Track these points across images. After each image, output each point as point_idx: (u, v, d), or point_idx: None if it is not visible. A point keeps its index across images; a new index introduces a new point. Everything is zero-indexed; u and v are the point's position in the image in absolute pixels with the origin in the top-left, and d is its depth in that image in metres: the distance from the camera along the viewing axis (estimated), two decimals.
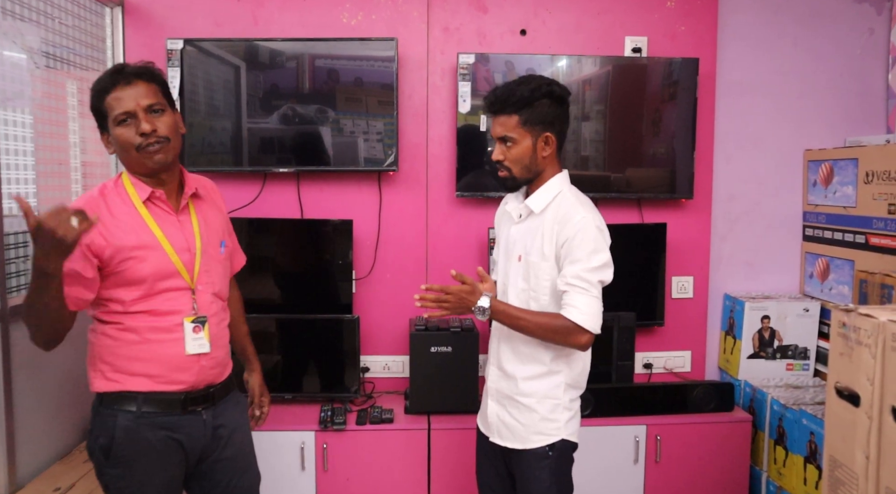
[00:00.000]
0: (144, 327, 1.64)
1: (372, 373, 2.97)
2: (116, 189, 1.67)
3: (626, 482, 2.71)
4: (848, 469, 1.37)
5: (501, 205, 1.99)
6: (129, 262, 1.61)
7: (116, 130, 1.62)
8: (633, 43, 2.95)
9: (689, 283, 3.06)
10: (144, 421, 1.64)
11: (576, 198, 1.80)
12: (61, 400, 2.38)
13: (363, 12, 2.88)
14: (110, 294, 1.64)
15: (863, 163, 2.71)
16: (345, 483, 2.60)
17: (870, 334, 1.30)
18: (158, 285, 1.65)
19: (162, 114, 1.65)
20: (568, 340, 1.72)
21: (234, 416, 1.82)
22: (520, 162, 1.78)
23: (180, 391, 1.68)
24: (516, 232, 1.87)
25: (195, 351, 1.68)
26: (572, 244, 1.71)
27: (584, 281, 1.71)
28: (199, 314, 1.69)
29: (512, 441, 1.85)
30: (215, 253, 1.78)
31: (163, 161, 1.64)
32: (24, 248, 2.30)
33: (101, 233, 1.59)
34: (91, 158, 2.74)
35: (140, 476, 1.66)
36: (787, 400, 2.67)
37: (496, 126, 1.79)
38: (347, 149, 2.82)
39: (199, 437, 1.72)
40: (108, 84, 1.63)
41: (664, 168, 2.94)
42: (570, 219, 1.73)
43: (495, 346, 1.90)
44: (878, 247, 2.62)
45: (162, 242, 1.66)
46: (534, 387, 1.82)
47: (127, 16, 2.82)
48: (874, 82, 3.07)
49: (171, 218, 1.70)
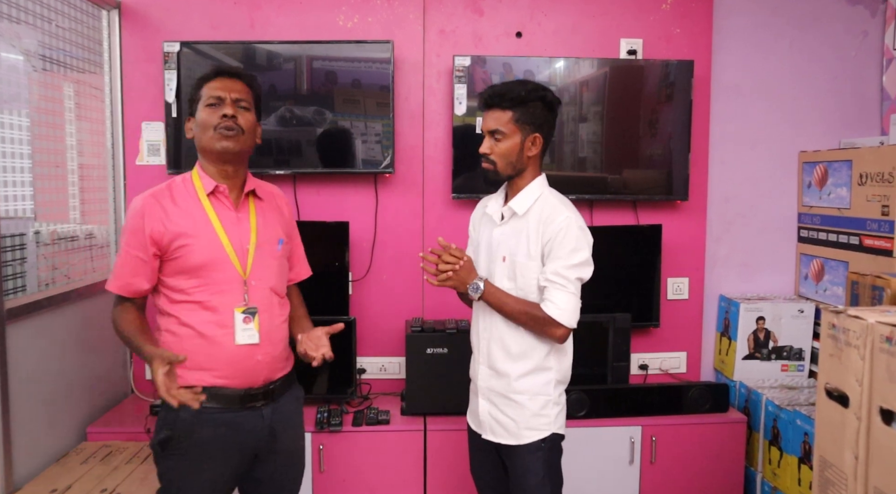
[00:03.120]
0: (200, 321, 1.71)
1: (368, 375, 2.98)
2: (184, 182, 1.80)
3: (622, 482, 2.72)
4: (837, 470, 1.38)
5: (479, 207, 2.06)
6: (185, 249, 1.70)
7: (202, 112, 1.74)
8: (628, 45, 2.96)
9: (684, 284, 3.07)
10: (205, 417, 1.69)
11: (558, 200, 1.87)
12: (58, 401, 2.39)
13: (359, 15, 2.89)
14: (172, 281, 1.73)
15: (857, 165, 2.72)
16: (341, 483, 2.61)
17: (858, 335, 1.32)
18: (213, 275, 1.72)
19: (246, 111, 1.77)
20: (544, 331, 1.81)
21: (291, 411, 1.88)
22: (506, 157, 1.84)
23: (240, 387, 1.73)
24: (500, 233, 1.91)
25: (244, 342, 1.72)
26: (555, 242, 1.79)
27: (562, 278, 1.78)
28: (250, 305, 1.75)
29: (505, 438, 1.89)
30: (271, 250, 1.84)
31: (230, 148, 1.73)
32: (22, 250, 2.31)
33: (160, 220, 1.71)
34: (88, 161, 2.75)
35: (190, 469, 1.71)
36: (782, 400, 2.68)
37: (488, 119, 1.84)
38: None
39: (257, 433, 1.76)
40: (211, 74, 1.78)
41: (660, 169, 2.95)
42: (555, 219, 1.80)
43: (484, 346, 1.93)
44: (872, 249, 2.63)
45: (218, 232, 1.74)
46: (526, 384, 1.87)
47: (124, 18, 2.83)
48: (868, 84, 3.08)
49: (230, 213, 1.78)
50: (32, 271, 2.36)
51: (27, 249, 2.34)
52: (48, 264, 2.45)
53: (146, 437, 2.50)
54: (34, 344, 2.23)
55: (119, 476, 2.21)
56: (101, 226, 2.81)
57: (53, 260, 2.48)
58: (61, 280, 2.50)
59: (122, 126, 2.86)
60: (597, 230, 2.94)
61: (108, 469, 2.27)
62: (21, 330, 2.14)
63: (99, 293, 2.66)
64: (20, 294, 2.28)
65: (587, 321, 2.82)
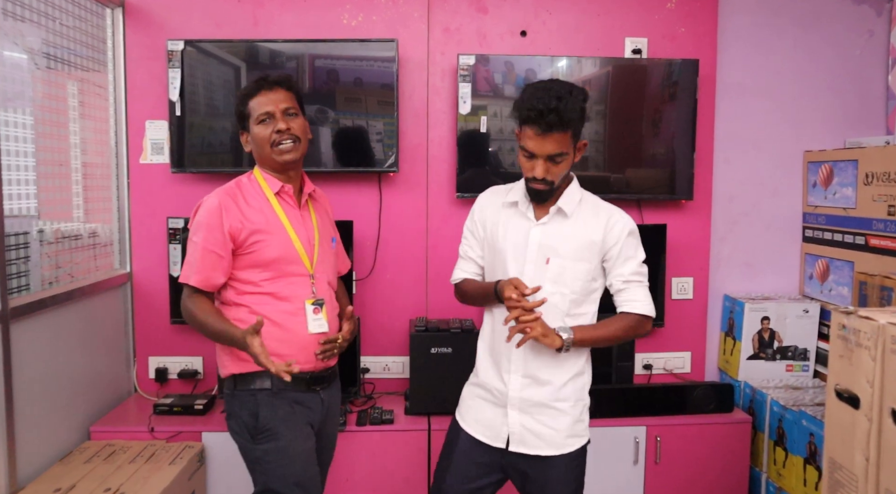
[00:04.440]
0: (272, 311, 1.84)
1: (372, 374, 2.97)
2: (250, 182, 1.93)
3: (626, 483, 2.71)
4: (848, 471, 1.37)
5: (492, 197, 1.92)
6: (259, 244, 1.84)
7: (256, 128, 1.88)
8: (633, 44, 2.95)
9: (688, 284, 3.07)
10: (281, 396, 1.85)
11: (599, 200, 1.87)
12: (62, 400, 2.38)
13: (363, 13, 2.88)
14: (243, 275, 1.85)
15: (862, 165, 2.71)
16: (345, 483, 2.60)
17: (870, 336, 1.31)
18: (284, 269, 1.86)
19: (296, 117, 1.91)
20: (639, 332, 1.83)
21: (336, 398, 2.06)
22: (562, 174, 1.77)
23: (305, 370, 1.87)
24: (540, 233, 1.81)
25: (316, 331, 1.87)
26: (624, 244, 1.80)
27: (639, 275, 1.82)
28: (318, 297, 1.90)
29: (543, 449, 1.80)
30: (329, 246, 2.02)
31: (292, 158, 1.89)
32: (25, 249, 2.30)
33: (237, 218, 1.84)
34: (92, 159, 2.74)
35: (287, 445, 1.83)
36: (787, 401, 2.67)
37: (549, 143, 1.69)
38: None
39: (319, 413, 1.94)
40: (253, 89, 1.89)
41: (664, 169, 2.94)
42: (618, 222, 1.81)
43: (517, 355, 1.80)
44: (878, 249, 2.62)
45: (288, 229, 1.89)
46: (570, 391, 1.82)
47: (128, 17, 2.82)
48: (874, 83, 3.07)
49: (295, 211, 1.94)
50: (36, 270, 2.35)
51: (31, 248, 2.33)
52: (52, 263, 2.44)
53: (149, 436, 2.50)
54: (38, 342, 2.22)
55: (123, 476, 2.20)
56: (105, 224, 2.80)
57: (57, 258, 2.47)
58: (65, 278, 2.49)
59: (126, 124, 2.85)
60: None
61: (111, 468, 2.26)
62: (25, 329, 2.13)
63: (102, 292, 2.66)
64: (24, 292, 2.27)
65: None
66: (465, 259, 1.97)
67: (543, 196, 1.79)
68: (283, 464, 1.82)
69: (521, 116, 1.72)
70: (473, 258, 1.95)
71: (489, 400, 1.87)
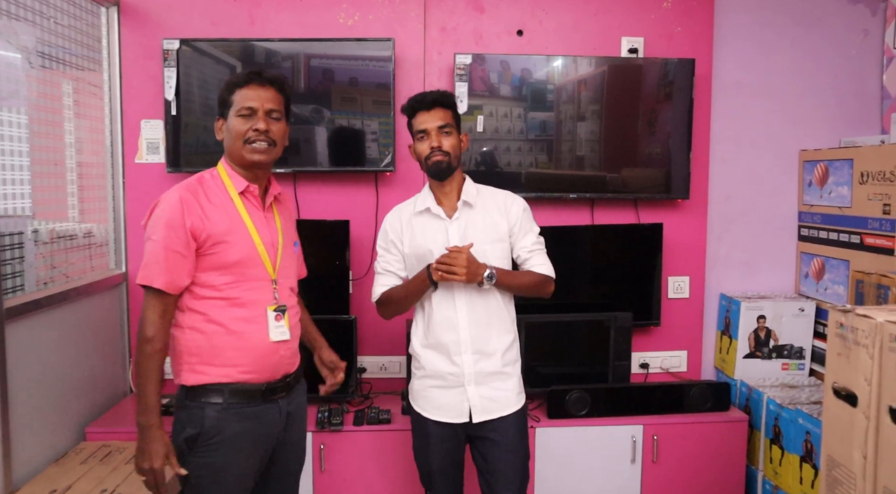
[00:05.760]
0: (230, 318, 1.74)
1: (369, 374, 2.97)
2: (214, 180, 1.81)
3: (624, 482, 2.72)
4: (846, 469, 1.37)
5: (398, 214, 2.14)
6: (222, 246, 1.73)
7: (234, 120, 1.77)
8: (629, 43, 2.95)
9: (685, 283, 3.07)
10: (231, 412, 1.73)
11: (492, 188, 2.12)
12: (57, 401, 2.37)
13: (360, 12, 2.87)
14: (202, 277, 1.74)
15: (858, 164, 2.72)
16: (342, 483, 2.60)
17: (867, 334, 1.31)
18: (246, 272, 1.76)
19: (278, 121, 1.81)
20: (544, 289, 2.07)
21: (300, 402, 1.94)
22: (455, 149, 2.01)
23: (262, 381, 1.78)
24: (456, 227, 2.04)
25: (277, 339, 1.78)
26: (522, 219, 2.07)
27: (539, 245, 2.08)
28: (280, 303, 1.81)
29: (501, 411, 2.02)
30: (292, 251, 1.94)
31: (262, 160, 1.78)
32: (20, 249, 2.29)
33: (199, 216, 1.72)
34: (87, 159, 2.73)
35: (220, 465, 1.74)
36: (783, 399, 2.68)
37: (433, 118, 1.98)
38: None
39: (276, 425, 1.82)
40: (243, 80, 1.78)
41: (660, 168, 2.95)
42: (514, 202, 2.08)
43: (465, 334, 2.01)
44: (874, 247, 2.63)
45: (251, 231, 1.79)
46: (510, 356, 2.06)
47: (123, 15, 2.81)
48: (869, 83, 3.08)
49: (259, 212, 1.83)
50: (31, 270, 2.34)
51: (25, 248, 2.32)
52: (47, 263, 2.43)
53: None
54: (33, 343, 2.21)
55: (119, 477, 2.19)
56: (100, 224, 2.79)
57: (52, 258, 2.46)
58: (60, 279, 2.48)
59: (122, 124, 2.84)
60: (597, 229, 2.97)
61: (107, 469, 2.25)
62: (20, 330, 2.12)
63: (98, 292, 2.64)
64: (19, 293, 2.26)
65: (588, 320, 2.84)
66: (384, 274, 2.12)
67: (444, 169, 1.99)
68: (217, 483, 1.73)
69: (409, 110, 2.02)
70: (394, 271, 2.11)
71: (443, 386, 2.04)
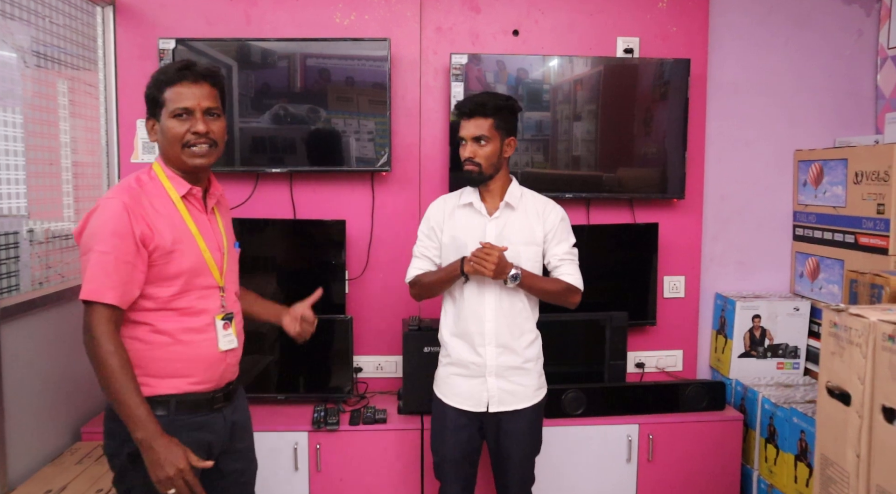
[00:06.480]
0: (177, 328, 1.65)
1: (365, 373, 2.97)
2: (152, 182, 1.68)
3: (619, 481, 2.72)
4: (839, 468, 1.38)
5: (443, 203, 2.20)
6: (171, 256, 1.62)
7: (169, 122, 1.64)
8: (625, 43, 2.96)
9: (680, 283, 3.08)
10: (177, 424, 1.63)
11: (536, 194, 2.20)
12: (53, 401, 2.37)
13: (356, 12, 2.88)
14: (147, 290, 1.62)
15: (852, 164, 2.73)
16: (338, 483, 2.60)
17: (861, 334, 1.32)
18: (193, 282, 1.66)
19: (217, 119, 1.69)
20: (569, 299, 2.13)
21: (243, 409, 1.87)
22: (489, 159, 2.06)
23: (209, 390, 1.71)
24: (495, 226, 2.12)
25: (226, 348, 1.72)
26: (559, 228, 2.14)
27: (571, 255, 2.16)
28: (228, 310, 1.74)
29: (517, 404, 2.12)
30: (234, 254, 1.84)
31: (203, 164, 1.68)
32: (15, 249, 2.29)
33: (148, 226, 1.60)
34: (82, 158, 2.72)
35: None
36: (778, 398, 2.69)
37: (470, 127, 2.06)
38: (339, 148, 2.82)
39: (222, 433, 1.75)
40: (174, 77, 1.64)
41: (656, 168, 2.95)
42: (553, 210, 2.16)
43: (490, 328, 2.10)
44: (868, 247, 2.64)
45: (197, 240, 1.68)
46: (530, 353, 2.15)
47: (118, 15, 2.81)
48: (863, 83, 3.10)
49: (202, 216, 1.73)
50: (26, 270, 2.33)
51: (20, 248, 2.32)
52: (42, 263, 2.42)
53: None
54: (28, 343, 2.21)
55: None
56: None
57: (47, 258, 2.46)
58: (55, 279, 2.48)
59: (117, 123, 2.84)
60: (593, 228, 2.97)
61: (103, 469, 2.24)
62: (14, 330, 2.12)
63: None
64: (13, 293, 2.25)
65: (584, 319, 2.85)
66: (420, 257, 2.22)
67: (475, 178, 2.08)
68: None
69: (455, 114, 2.11)
70: (430, 257, 2.20)
71: (465, 375, 2.14)
